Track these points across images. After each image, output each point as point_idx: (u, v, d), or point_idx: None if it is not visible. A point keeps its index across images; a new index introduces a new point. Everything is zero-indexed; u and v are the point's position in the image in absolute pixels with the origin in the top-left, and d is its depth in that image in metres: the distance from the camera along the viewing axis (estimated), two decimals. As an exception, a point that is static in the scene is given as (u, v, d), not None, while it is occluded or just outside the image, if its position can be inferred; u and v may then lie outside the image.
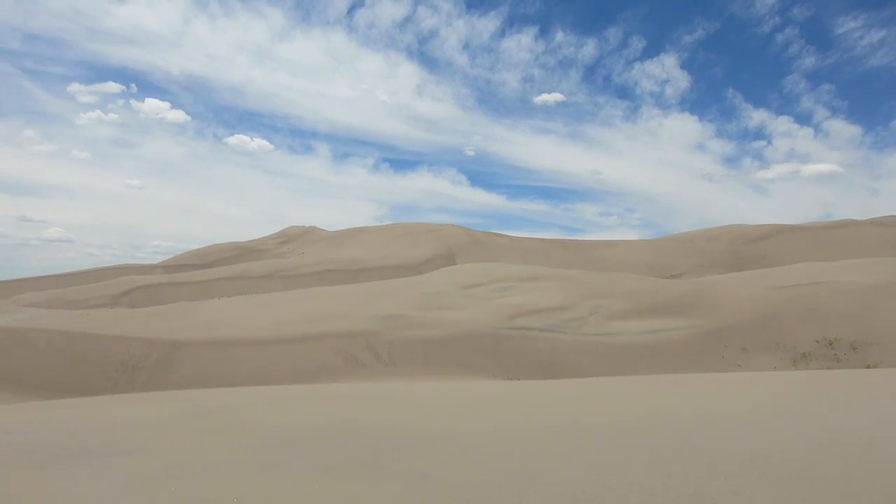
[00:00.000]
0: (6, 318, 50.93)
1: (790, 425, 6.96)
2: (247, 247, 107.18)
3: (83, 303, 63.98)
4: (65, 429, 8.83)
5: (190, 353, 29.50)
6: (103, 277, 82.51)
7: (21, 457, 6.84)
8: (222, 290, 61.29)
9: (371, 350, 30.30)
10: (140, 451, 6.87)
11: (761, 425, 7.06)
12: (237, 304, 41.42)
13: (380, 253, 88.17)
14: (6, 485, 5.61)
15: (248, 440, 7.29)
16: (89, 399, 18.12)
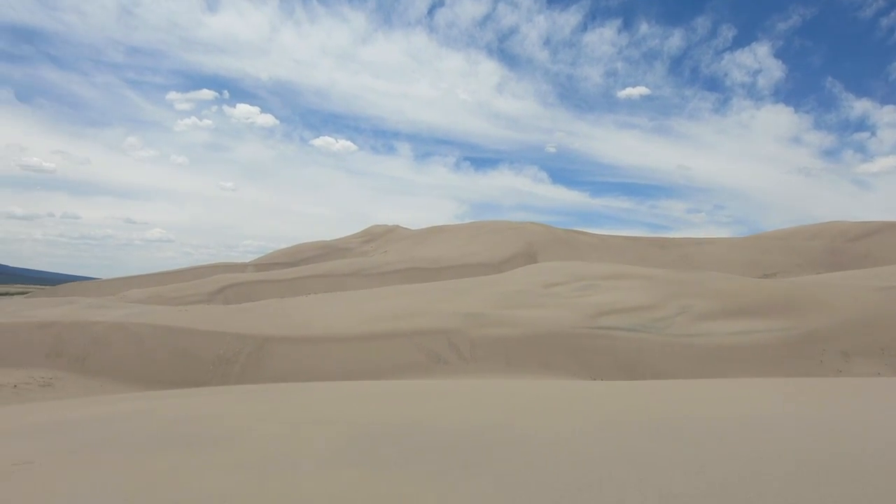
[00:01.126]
0: (114, 313, 54.36)
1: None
2: (332, 245, 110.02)
3: (182, 299, 67.44)
4: (170, 419, 9.37)
5: (280, 348, 30.61)
6: (200, 275, 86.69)
7: (132, 445, 7.32)
8: (309, 288, 63.22)
9: (453, 347, 30.52)
10: (238, 442, 7.22)
11: (865, 432, 6.70)
12: (324, 302, 42.63)
13: (461, 251, 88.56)
14: (121, 471, 6.03)
15: (337, 434, 7.53)
16: (188, 391, 19.05)
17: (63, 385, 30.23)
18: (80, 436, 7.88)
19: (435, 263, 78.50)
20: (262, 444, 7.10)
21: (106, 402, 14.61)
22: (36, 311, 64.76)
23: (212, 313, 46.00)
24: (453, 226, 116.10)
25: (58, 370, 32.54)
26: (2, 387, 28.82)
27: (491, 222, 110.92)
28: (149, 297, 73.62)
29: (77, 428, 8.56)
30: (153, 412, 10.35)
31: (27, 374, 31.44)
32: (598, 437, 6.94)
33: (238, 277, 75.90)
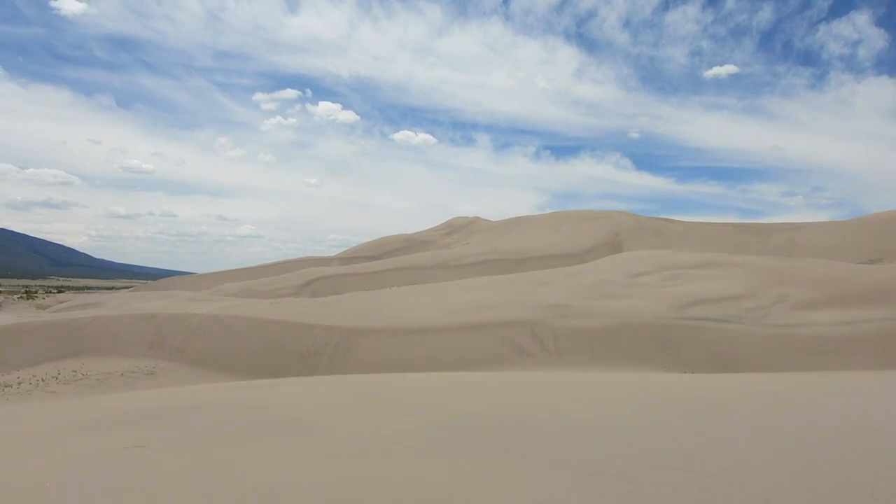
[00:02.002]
0: (209, 306, 57.02)
1: None
2: (414, 238, 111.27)
3: (272, 293, 69.94)
4: (263, 407, 9.71)
5: (366, 339, 31.24)
6: (288, 269, 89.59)
7: (230, 432, 7.62)
8: (392, 281, 64.18)
9: (536, 339, 30.26)
10: (329, 431, 7.38)
11: None
12: (407, 294, 43.18)
13: (543, 241, 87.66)
14: (223, 456, 6.27)
15: (426, 424, 7.57)
16: (279, 380, 19.68)
17: (165, 374, 31.95)
18: (185, 422, 8.27)
19: (517, 254, 78.06)
20: (352, 433, 7.23)
21: (205, 390, 15.32)
22: (139, 304, 68.80)
23: (300, 306, 47.46)
24: (535, 216, 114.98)
25: (160, 360, 34.40)
26: (111, 375, 30.77)
27: (573, 212, 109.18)
28: (241, 291, 76.76)
29: (182, 414, 8.99)
30: (248, 401, 10.75)
31: (133, 364, 33.42)
32: (696, 433, 6.68)
33: (324, 271, 77.96)
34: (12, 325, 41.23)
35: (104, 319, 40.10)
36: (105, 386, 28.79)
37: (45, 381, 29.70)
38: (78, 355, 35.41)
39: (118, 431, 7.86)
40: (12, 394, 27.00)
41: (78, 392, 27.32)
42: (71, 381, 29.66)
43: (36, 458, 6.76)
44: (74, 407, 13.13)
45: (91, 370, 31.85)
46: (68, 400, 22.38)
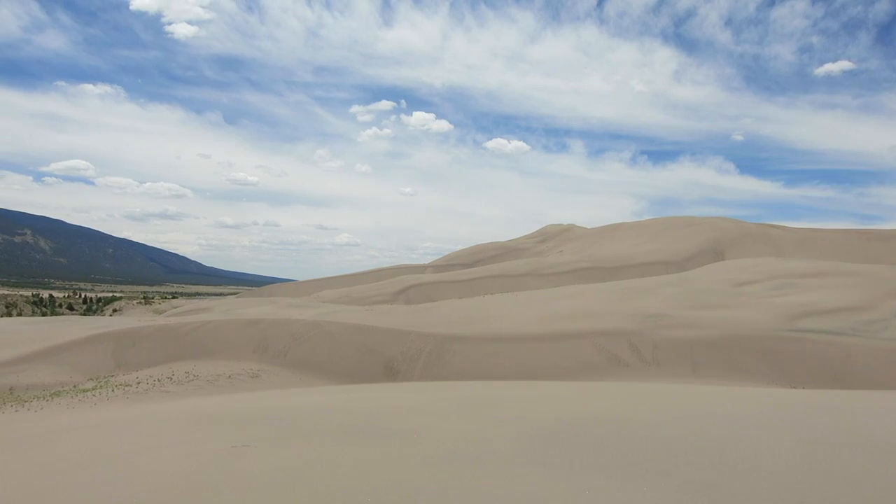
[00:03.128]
0: (309, 312, 59.13)
1: None
2: (508, 246, 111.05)
3: (368, 299, 71.69)
4: (361, 411, 9.95)
5: (460, 346, 31.41)
6: (384, 276, 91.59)
7: (331, 434, 7.85)
8: (486, 288, 64.30)
9: (633, 349, 29.46)
10: (425, 436, 7.47)
11: None
12: (501, 302, 43.11)
13: (640, 249, 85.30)
14: (324, 458, 6.48)
15: (522, 432, 7.52)
16: (376, 385, 20.08)
17: (268, 376, 33.33)
18: (289, 423, 8.60)
19: (613, 262, 76.37)
20: (448, 439, 7.28)
21: (305, 393, 15.87)
22: (245, 309, 72.23)
23: (395, 313, 48.37)
24: (631, 223, 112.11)
25: (263, 363, 35.93)
26: (219, 377, 32.40)
27: (672, 218, 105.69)
28: (339, 298, 79.14)
29: (285, 416, 9.36)
30: (346, 405, 11.05)
31: (239, 366, 35.07)
32: (809, 456, 6.29)
33: (419, 278, 79.13)
34: (132, 328, 44.25)
35: (213, 324, 42.34)
36: (213, 387, 30.36)
37: (161, 381, 31.66)
38: (189, 357, 37.54)
39: (228, 430, 8.27)
40: (132, 393, 28.95)
41: (189, 392, 28.96)
42: (183, 381, 31.48)
43: (160, 453, 7.22)
44: (188, 407, 13.92)
45: (201, 372, 33.68)
46: (182, 400, 23.75)
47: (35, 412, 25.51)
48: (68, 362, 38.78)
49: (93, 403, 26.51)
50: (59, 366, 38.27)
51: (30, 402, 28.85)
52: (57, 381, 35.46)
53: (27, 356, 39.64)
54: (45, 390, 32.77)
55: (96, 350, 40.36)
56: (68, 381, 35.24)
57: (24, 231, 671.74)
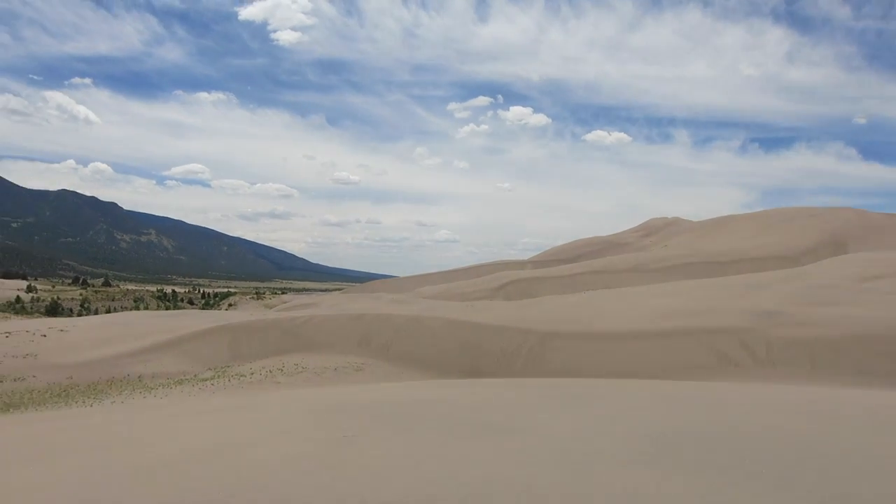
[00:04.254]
0: (410, 308, 60.20)
1: None
2: (609, 241, 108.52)
3: (468, 295, 72.07)
4: (463, 406, 10.01)
5: (561, 343, 31.01)
6: (483, 273, 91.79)
7: (434, 427, 7.95)
8: (587, 284, 63.12)
9: (746, 348, 28.04)
10: (528, 434, 7.42)
11: None
12: (604, 298, 42.21)
13: (752, 243, 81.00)
14: (427, 450, 6.58)
15: (628, 433, 7.33)
16: (476, 381, 20.15)
17: (371, 369, 34.23)
18: (392, 416, 8.79)
19: (722, 257, 72.92)
20: (554, 436, 7.20)
21: (408, 387, 16.16)
22: (349, 304, 74.50)
23: (494, 309, 48.37)
24: (741, 215, 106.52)
25: (367, 357, 36.93)
26: (326, 369, 33.61)
27: (787, 209, 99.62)
28: (439, 293, 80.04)
29: (390, 408, 9.57)
30: (448, 399, 11.15)
31: (344, 359, 36.22)
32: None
33: (518, 274, 78.75)
34: (246, 322, 46.66)
35: (319, 318, 43.94)
36: (320, 379, 31.52)
37: (272, 372, 33.21)
38: (298, 350, 39.15)
39: (337, 420, 8.55)
40: (246, 383, 30.54)
41: (299, 383, 30.22)
42: (293, 373, 32.88)
43: (276, 439, 7.58)
44: (299, 397, 14.50)
45: (309, 364, 35.06)
46: (292, 390, 24.82)
47: (160, 399, 27.42)
48: (189, 353, 41.41)
49: (211, 392, 28.18)
50: (181, 356, 40.94)
51: (156, 389, 31.04)
52: (179, 370, 37.95)
53: (153, 347, 42.65)
54: (169, 378, 35.17)
55: (214, 342, 42.86)
56: (189, 370, 37.63)
57: (149, 231, 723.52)
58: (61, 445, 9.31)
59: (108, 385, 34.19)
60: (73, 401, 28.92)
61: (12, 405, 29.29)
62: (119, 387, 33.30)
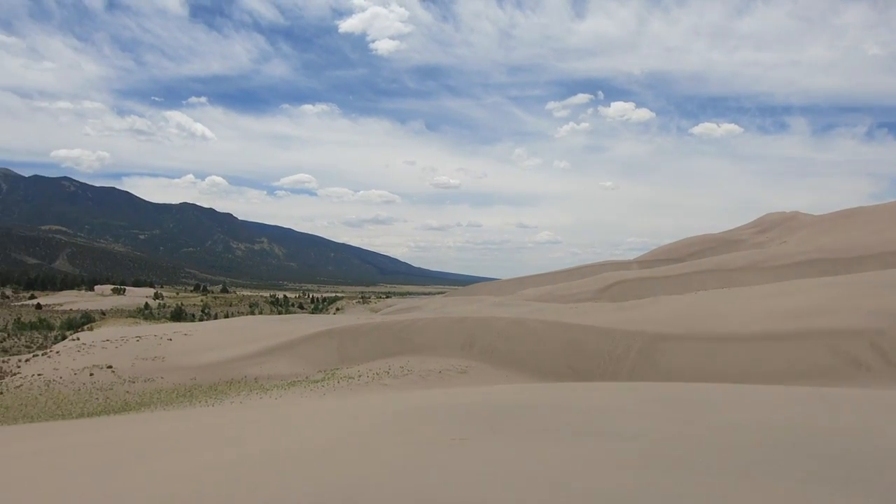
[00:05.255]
0: (512, 310, 59.95)
1: None
2: (721, 238, 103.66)
3: (572, 297, 70.97)
4: (569, 409, 9.78)
5: (672, 345, 29.87)
6: (586, 274, 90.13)
7: (543, 431, 7.81)
8: (699, 284, 60.51)
9: (878, 351, 25.94)
10: (636, 437, 7.13)
11: None
12: (716, 298, 40.32)
13: (883, 237, 74.91)
14: (539, 455, 6.46)
15: (748, 441, 6.90)
16: (582, 384, 19.73)
17: (475, 372, 34.33)
18: (500, 419, 8.71)
19: (848, 253, 67.90)
20: (665, 442, 6.89)
21: (513, 390, 16.04)
22: (452, 308, 75.19)
23: (600, 310, 47.33)
24: (869, 207, 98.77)
25: (471, 359, 37.07)
26: (430, 372, 34.02)
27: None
28: (542, 296, 79.29)
29: (496, 411, 9.50)
30: (553, 402, 10.94)
31: (448, 362, 36.54)
32: None
33: (624, 275, 76.74)
34: (353, 325, 48.05)
35: (423, 322, 44.58)
36: (425, 381, 31.95)
37: (379, 374, 33.99)
38: (403, 353, 39.89)
39: (444, 423, 8.58)
40: (354, 385, 31.41)
41: (405, 386, 30.76)
42: (399, 375, 33.51)
43: (388, 439, 7.70)
44: (406, 399, 14.71)
45: (414, 367, 35.61)
46: (399, 392, 25.27)
47: (275, 399, 28.68)
48: (301, 356, 43.15)
49: (322, 393, 29.19)
50: (293, 359, 42.73)
51: (271, 390, 32.52)
52: (292, 371, 39.61)
53: (267, 350, 44.76)
54: (282, 380, 36.76)
55: (324, 345, 44.44)
56: (301, 372, 39.19)
57: (261, 240, 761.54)
58: (188, 441, 9.87)
59: (228, 386, 36.18)
60: (196, 400, 30.80)
61: (143, 404, 31.57)
62: (237, 388, 35.15)
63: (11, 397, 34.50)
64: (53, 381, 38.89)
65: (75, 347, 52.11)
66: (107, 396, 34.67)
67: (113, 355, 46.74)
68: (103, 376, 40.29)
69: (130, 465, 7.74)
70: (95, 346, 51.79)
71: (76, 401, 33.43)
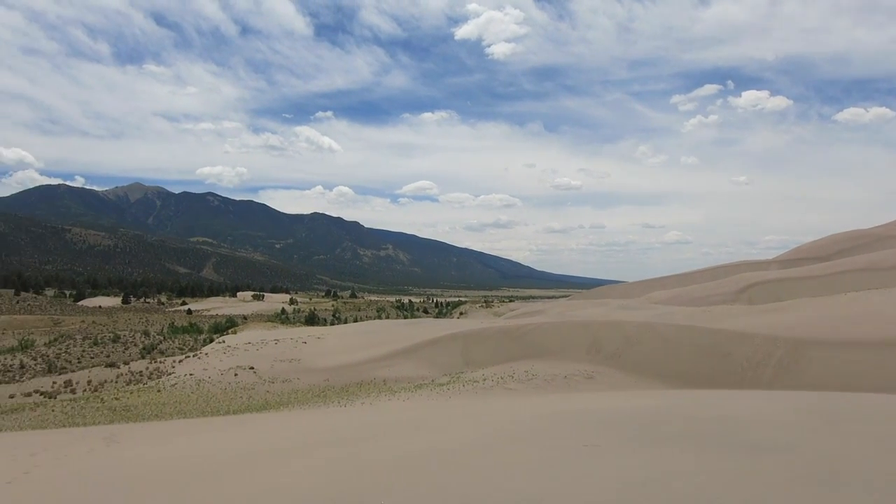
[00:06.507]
0: (640, 314, 57.98)
1: None
2: (873, 234, 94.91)
3: (704, 300, 67.58)
4: (705, 418, 9.24)
5: (818, 352, 27.64)
6: (719, 275, 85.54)
7: (674, 440, 7.42)
8: (848, 284, 55.66)
9: None
10: (789, 450, 6.60)
11: None
12: (870, 300, 36.92)
13: None
14: (670, 464, 6.14)
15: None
16: (719, 392, 18.71)
17: (602, 378, 33.44)
18: (632, 427, 8.39)
19: None
20: (819, 457, 6.32)
21: (643, 396, 15.44)
22: (576, 312, 73.88)
23: (736, 314, 44.69)
24: None
25: (597, 364, 36.17)
26: (555, 377, 33.51)
27: None
28: (671, 299, 76.09)
29: (627, 419, 9.17)
30: (690, 411, 10.39)
31: (573, 367, 35.85)
32: None
33: (762, 276, 72.09)
34: (477, 329, 48.38)
35: (547, 326, 44.07)
36: (551, 386, 31.50)
37: (504, 378, 33.92)
38: (527, 357, 39.60)
39: (573, 429, 8.38)
40: (479, 389, 31.54)
41: (529, 390, 30.49)
42: (523, 380, 33.27)
43: (517, 445, 7.64)
44: (533, 404, 14.57)
45: (538, 371, 35.23)
46: (524, 397, 25.09)
47: (403, 402, 29.36)
48: (426, 359, 43.97)
49: (448, 396, 29.55)
50: (419, 362, 43.64)
51: (399, 392, 33.35)
52: (418, 374, 40.44)
53: (395, 353, 46.00)
54: (409, 383, 37.61)
55: (448, 349, 45.04)
56: (427, 375, 39.92)
57: (386, 246, 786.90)
58: (328, 439, 10.29)
59: (358, 387, 37.51)
60: (329, 401, 32.15)
61: (281, 403, 33.36)
62: (367, 389, 36.35)
63: (167, 395, 37.63)
64: (203, 381, 42.03)
65: (221, 349, 56.14)
66: (249, 395, 36.98)
67: (254, 357, 49.88)
68: (246, 377, 43.04)
69: (288, 460, 8.16)
70: (239, 348, 55.53)
71: (223, 399, 35.91)
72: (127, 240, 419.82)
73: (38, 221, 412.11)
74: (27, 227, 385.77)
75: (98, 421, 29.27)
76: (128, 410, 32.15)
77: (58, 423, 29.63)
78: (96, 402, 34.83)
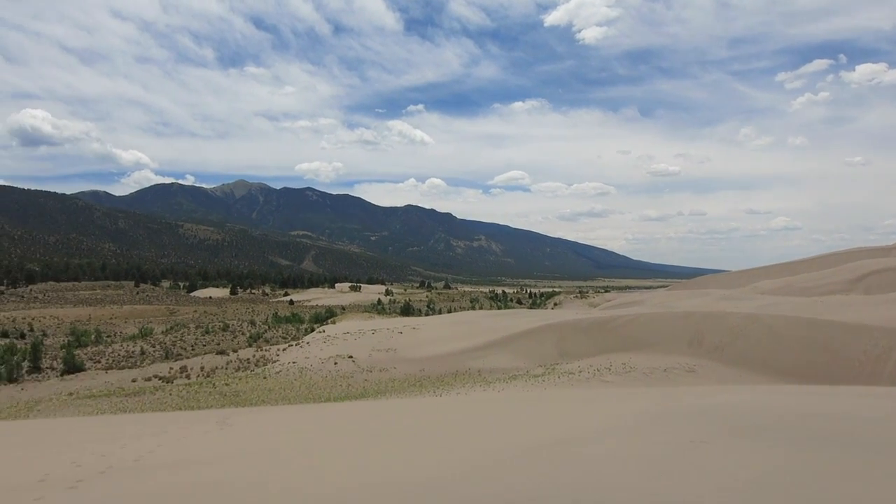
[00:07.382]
0: (745, 304, 55.39)
1: None
2: None
3: (815, 290, 63.83)
4: (826, 414, 8.76)
5: (948, 346, 25.56)
6: (832, 263, 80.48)
7: (787, 438, 7.09)
8: (982, 273, 51.09)
9: None
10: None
11: None
12: None
13: None
14: (794, 466, 5.89)
15: None
16: (835, 388, 17.66)
17: (705, 372, 32.25)
18: (740, 422, 8.08)
19: None
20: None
21: (751, 391, 14.79)
22: (675, 302, 71.48)
23: (852, 304, 41.95)
24: None
25: (698, 357, 34.91)
26: (655, 370, 32.62)
27: None
28: (779, 288, 72.28)
29: (734, 414, 8.83)
30: (805, 407, 9.88)
31: (673, 360, 34.76)
32: None
33: (882, 263, 67.22)
34: (572, 321, 47.77)
35: (645, 317, 42.93)
36: (650, 379, 30.70)
37: (600, 371, 33.37)
38: (624, 349, 38.76)
39: (678, 424, 8.16)
40: (575, 380, 31.17)
41: (627, 383, 29.85)
42: (621, 372, 32.61)
43: (620, 439, 7.55)
44: (632, 397, 14.29)
45: (636, 364, 34.42)
46: (622, 390, 24.62)
47: (498, 392, 29.44)
48: (520, 350, 43.87)
49: (543, 388, 29.39)
50: (513, 353, 43.60)
51: (494, 383, 33.48)
52: (513, 365, 40.42)
53: (489, 344, 46.16)
54: (504, 373, 37.66)
55: (543, 340, 44.76)
56: (521, 366, 39.84)
57: (479, 237, 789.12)
58: (428, 429, 10.51)
59: (454, 378, 37.93)
60: (425, 390, 32.69)
61: (379, 392, 34.23)
62: (462, 379, 36.70)
63: (273, 381, 39.44)
64: (305, 369, 43.75)
65: (322, 339, 58.20)
66: (348, 384, 38.19)
67: (353, 346, 51.42)
68: (345, 365, 44.45)
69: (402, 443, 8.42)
70: (338, 337, 57.39)
71: (324, 386, 37.26)
72: (233, 234, 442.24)
73: (154, 218, 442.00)
74: (145, 223, 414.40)
75: (210, 405, 31.11)
76: (237, 395, 33.96)
77: (175, 405, 31.72)
78: (209, 387, 36.99)
